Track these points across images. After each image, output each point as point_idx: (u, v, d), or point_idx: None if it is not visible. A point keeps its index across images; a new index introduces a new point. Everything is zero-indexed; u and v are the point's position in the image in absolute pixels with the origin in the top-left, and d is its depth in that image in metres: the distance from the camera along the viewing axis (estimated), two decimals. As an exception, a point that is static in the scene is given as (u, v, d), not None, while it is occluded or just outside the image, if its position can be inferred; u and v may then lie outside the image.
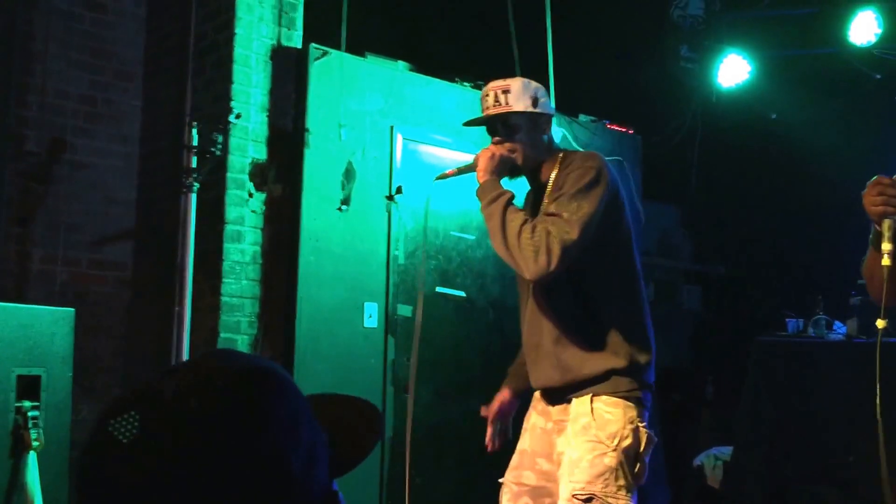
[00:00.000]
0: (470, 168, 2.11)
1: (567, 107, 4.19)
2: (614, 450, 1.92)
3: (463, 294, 3.95)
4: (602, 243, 1.97)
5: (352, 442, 0.79)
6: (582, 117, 4.43)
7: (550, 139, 2.15)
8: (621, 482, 1.92)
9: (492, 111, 2.09)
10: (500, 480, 2.17)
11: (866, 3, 4.09)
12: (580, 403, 1.99)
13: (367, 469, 3.44)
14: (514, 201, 2.01)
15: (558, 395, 2.08)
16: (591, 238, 1.91)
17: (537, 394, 2.18)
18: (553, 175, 2.04)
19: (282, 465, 0.66)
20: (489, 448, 2.26)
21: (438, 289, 3.88)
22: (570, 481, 1.93)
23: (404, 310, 3.75)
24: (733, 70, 4.50)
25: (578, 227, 1.88)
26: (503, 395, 2.30)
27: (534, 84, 2.12)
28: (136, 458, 0.64)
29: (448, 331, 3.85)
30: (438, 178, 2.14)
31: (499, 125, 2.09)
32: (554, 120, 4.30)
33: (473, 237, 4.01)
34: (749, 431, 3.69)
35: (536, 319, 2.10)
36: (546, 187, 2.04)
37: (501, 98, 2.07)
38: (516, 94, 2.07)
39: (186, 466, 0.64)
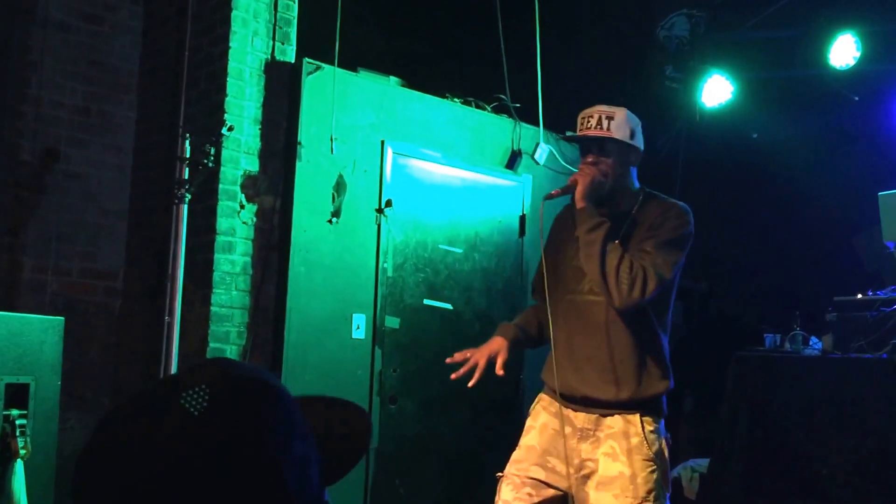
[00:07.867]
0: (570, 189, 2.21)
1: (555, 124, 4.26)
2: (659, 467, 2.12)
3: (450, 306, 4.01)
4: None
5: (341, 451, 0.80)
6: (569, 133, 4.50)
7: (633, 174, 2.27)
8: (662, 493, 2.13)
9: (592, 133, 2.19)
10: (499, 474, 2.23)
11: (846, 27, 4.18)
12: (630, 422, 2.14)
13: (352, 477, 3.47)
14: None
15: (599, 406, 2.17)
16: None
17: (549, 396, 2.25)
18: (635, 209, 2.20)
19: (276, 477, 0.67)
20: (466, 376, 2.21)
21: (426, 301, 3.93)
22: (626, 496, 2.08)
23: (392, 321, 3.80)
24: (717, 90, 4.58)
25: (671, 270, 2.11)
26: (501, 346, 2.25)
27: (635, 119, 2.24)
28: (204, 432, 0.66)
29: (434, 342, 3.89)
30: (547, 198, 2.23)
31: (594, 147, 2.21)
32: (541, 136, 4.38)
33: (461, 251, 4.07)
34: (726, 444, 3.74)
35: (597, 333, 2.18)
36: (626, 218, 2.19)
37: (604, 122, 2.18)
38: (619, 122, 2.18)
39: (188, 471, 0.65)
